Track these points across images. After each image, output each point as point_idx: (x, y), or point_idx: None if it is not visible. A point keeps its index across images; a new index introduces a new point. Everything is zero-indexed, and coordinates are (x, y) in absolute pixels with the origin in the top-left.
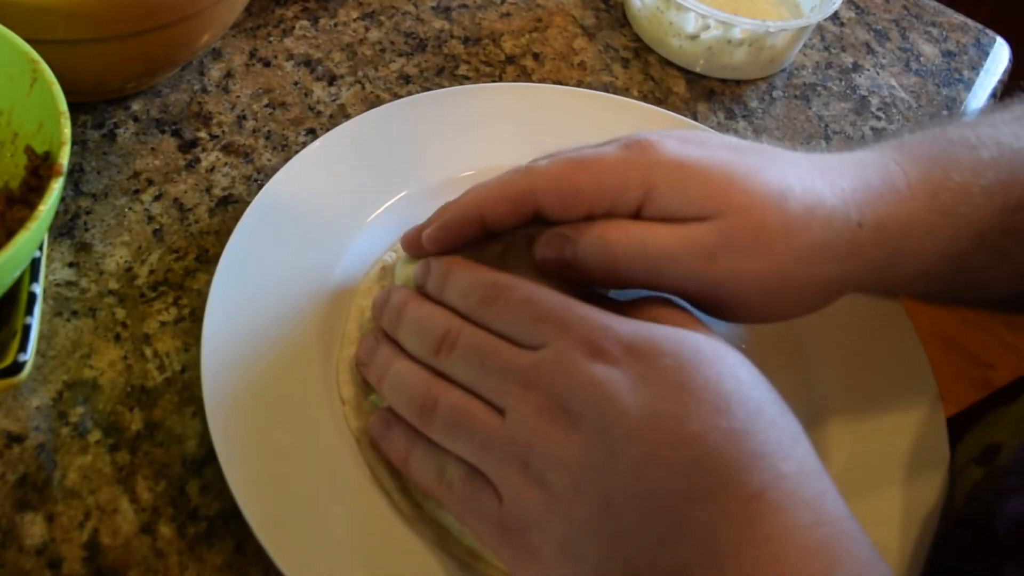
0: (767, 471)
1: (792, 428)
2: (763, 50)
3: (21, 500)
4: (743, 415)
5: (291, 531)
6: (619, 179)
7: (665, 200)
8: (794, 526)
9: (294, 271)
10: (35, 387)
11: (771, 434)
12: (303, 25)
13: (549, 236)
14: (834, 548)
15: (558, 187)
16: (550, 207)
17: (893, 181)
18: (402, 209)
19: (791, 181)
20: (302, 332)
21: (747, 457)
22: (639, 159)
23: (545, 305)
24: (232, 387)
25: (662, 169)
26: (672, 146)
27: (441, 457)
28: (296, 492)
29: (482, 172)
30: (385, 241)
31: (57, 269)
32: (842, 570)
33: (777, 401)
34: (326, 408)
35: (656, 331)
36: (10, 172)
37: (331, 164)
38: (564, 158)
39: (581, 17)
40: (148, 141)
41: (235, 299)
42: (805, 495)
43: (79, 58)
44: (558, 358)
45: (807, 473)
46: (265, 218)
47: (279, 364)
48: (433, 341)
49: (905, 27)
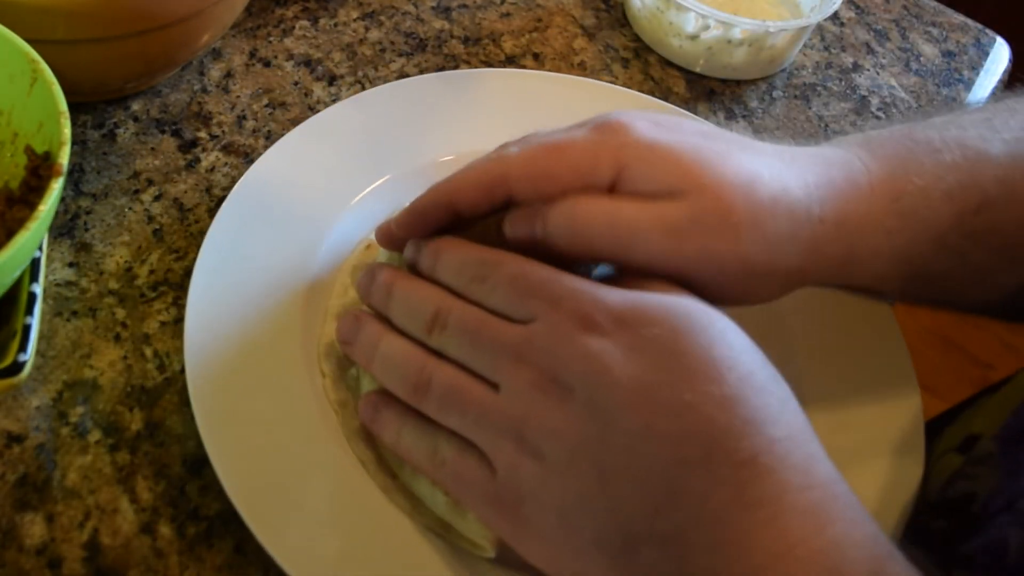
0: (758, 436)
1: (781, 392)
2: (763, 50)
3: (21, 500)
4: (734, 381)
5: (267, 499)
6: (590, 161)
7: (636, 179)
8: (785, 490)
9: (278, 250)
10: (35, 387)
11: (761, 399)
12: (303, 25)
13: (518, 213)
14: (824, 509)
15: (529, 173)
16: (523, 193)
17: (855, 179)
18: (387, 192)
19: (760, 169)
20: (285, 308)
21: (739, 423)
22: (610, 141)
23: (534, 279)
24: (214, 358)
25: (633, 150)
26: (643, 128)
27: (433, 435)
28: (273, 460)
29: (466, 156)
30: (370, 223)
31: (57, 269)
32: (832, 530)
33: (765, 364)
34: (306, 381)
35: (645, 299)
36: (10, 172)
37: (314, 148)
38: (535, 143)
39: (581, 17)
40: (148, 141)
41: (218, 276)
42: (795, 459)
43: (79, 58)
44: (549, 332)
45: (796, 437)
46: (248, 200)
47: (261, 338)
48: (425, 319)
49: (905, 27)
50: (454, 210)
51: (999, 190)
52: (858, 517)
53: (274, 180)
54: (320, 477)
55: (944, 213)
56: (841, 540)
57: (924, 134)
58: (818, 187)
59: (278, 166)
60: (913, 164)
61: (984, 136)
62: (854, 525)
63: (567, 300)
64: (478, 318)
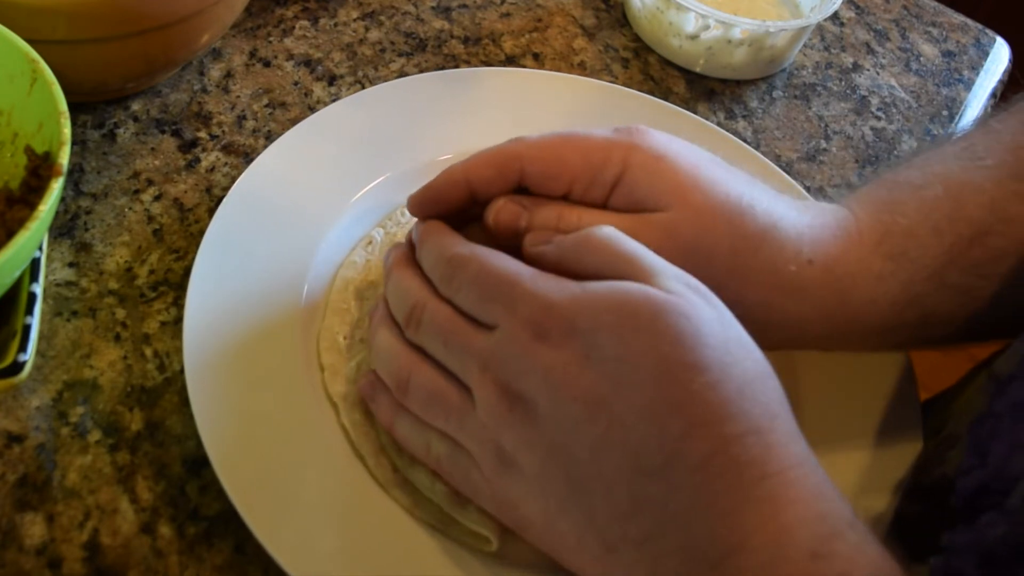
0: (713, 437)
1: (742, 375)
2: (763, 50)
3: (21, 500)
4: (686, 380)
5: (265, 497)
6: (602, 156)
7: (635, 185)
8: (738, 485)
9: (277, 248)
10: (35, 387)
11: (717, 394)
12: (303, 25)
13: (505, 202)
14: (778, 496)
15: (543, 156)
16: (533, 176)
17: (845, 226)
18: (387, 190)
19: (755, 203)
20: (283, 305)
21: (693, 427)
22: (624, 141)
23: (493, 282)
24: (212, 356)
25: (640, 155)
26: (658, 138)
27: (425, 431)
28: (271, 457)
29: (465, 155)
30: (369, 220)
31: (57, 269)
32: (784, 515)
33: (727, 348)
34: (305, 377)
35: (598, 299)
36: (10, 172)
37: (313, 146)
38: (553, 132)
39: (581, 17)
40: (148, 141)
41: (218, 273)
42: (750, 455)
43: (79, 58)
44: (508, 343)
45: (752, 431)
46: (248, 198)
47: (259, 335)
48: (404, 314)
49: (905, 27)
50: (469, 188)
51: (992, 217)
52: (810, 496)
53: (273, 179)
54: (319, 474)
55: (935, 250)
56: (790, 524)
57: (906, 175)
58: (811, 229)
59: (277, 165)
60: (897, 205)
61: (966, 167)
62: (806, 506)
63: (522, 307)
64: (447, 320)
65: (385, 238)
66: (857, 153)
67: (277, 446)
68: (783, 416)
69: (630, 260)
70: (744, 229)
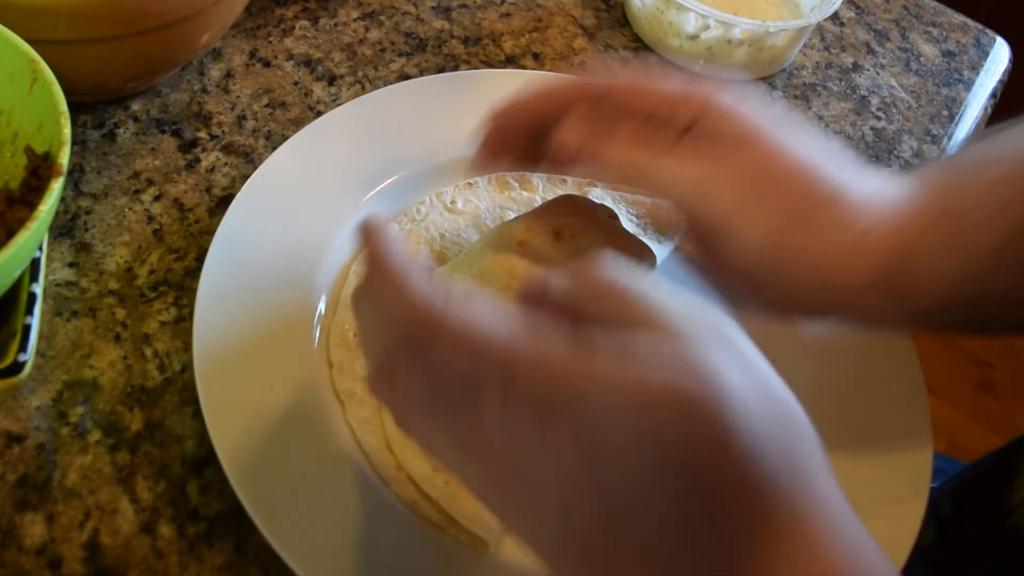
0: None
1: (767, 464)
2: (763, 50)
3: (21, 500)
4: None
5: (270, 492)
6: (683, 96)
7: (706, 130)
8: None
9: (290, 244)
10: (35, 387)
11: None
12: (303, 25)
13: (577, 121)
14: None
15: (632, 84)
16: (619, 90)
17: (907, 200)
18: (397, 191)
19: (826, 164)
20: (296, 300)
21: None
22: (704, 89)
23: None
24: (221, 348)
25: (717, 106)
26: (734, 93)
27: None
28: (277, 450)
29: None
30: None
31: (57, 269)
32: None
33: (750, 440)
34: (313, 372)
35: None
36: (10, 172)
37: (322, 148)
38: None
39: (581, 17)
40: (148, 141)
41: (228, 269)
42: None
43: (79, 58)
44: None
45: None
46: (259, 195)
47: (270, 328)
48: (375, 358)
49: (905, 27)
50: (554, 102)
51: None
52: None
53: (283, 178)
54: (323, 470)
55: (998, 226)
56: None
57: (970, 155)
58: (874, 198)
59: (287, 165)
60: (961, 181)
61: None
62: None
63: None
64: (418, 398)
65: (400, 234)
66: (857, 153)
67: (283, 442)
68: (820, 477)
69: (646, 311)
70: (813, 188)
